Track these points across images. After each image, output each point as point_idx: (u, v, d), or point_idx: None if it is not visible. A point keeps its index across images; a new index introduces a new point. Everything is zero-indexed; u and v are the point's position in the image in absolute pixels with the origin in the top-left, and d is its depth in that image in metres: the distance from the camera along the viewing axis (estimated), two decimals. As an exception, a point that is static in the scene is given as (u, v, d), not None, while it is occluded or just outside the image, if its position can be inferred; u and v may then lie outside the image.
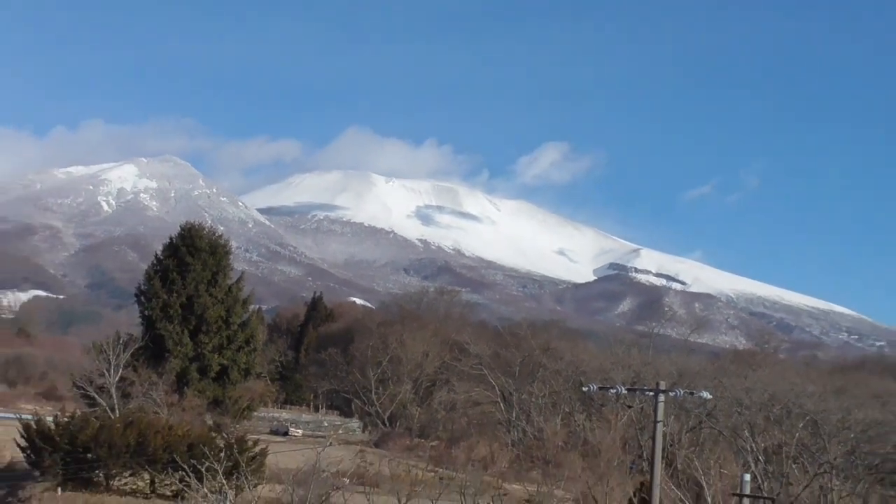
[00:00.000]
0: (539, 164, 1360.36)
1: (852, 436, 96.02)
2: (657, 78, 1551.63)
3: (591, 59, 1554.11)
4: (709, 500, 37.80)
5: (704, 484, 41.80)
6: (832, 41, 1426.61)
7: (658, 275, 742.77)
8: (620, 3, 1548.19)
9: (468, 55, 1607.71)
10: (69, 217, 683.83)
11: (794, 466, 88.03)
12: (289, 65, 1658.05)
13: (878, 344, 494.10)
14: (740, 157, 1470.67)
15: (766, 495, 33.41)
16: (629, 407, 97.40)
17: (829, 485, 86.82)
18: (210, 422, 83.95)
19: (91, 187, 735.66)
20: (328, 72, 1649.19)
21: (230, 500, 45.30)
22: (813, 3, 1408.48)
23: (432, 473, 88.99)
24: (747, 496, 30.72)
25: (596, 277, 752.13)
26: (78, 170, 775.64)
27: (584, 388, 76.31)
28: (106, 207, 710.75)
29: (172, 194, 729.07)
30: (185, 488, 57.27)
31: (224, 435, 69.18)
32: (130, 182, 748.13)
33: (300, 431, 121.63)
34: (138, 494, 71.20)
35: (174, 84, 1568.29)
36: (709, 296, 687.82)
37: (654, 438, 34.78)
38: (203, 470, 46.70)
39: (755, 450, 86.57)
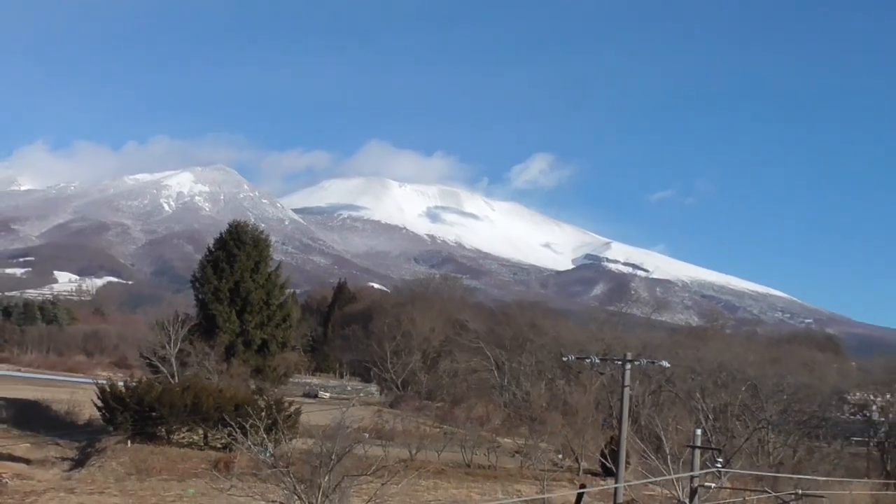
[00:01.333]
0: (529, 172, 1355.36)
1: (785, 397, 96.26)
2: (628, 100, 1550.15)
3: (574, 84, 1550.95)
4: (667, 451, 37.86)
5: (663, 437, 41.86)
6: (774, 70, 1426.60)
7: (626, 264, 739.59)
8: (595, 40, 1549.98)
9: (473, 80, 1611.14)
10: (137, 216, 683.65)
11: (737, 423, 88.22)
12: (321, 88, 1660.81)
13: (806, 321, 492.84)
14: (697, 167, 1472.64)
15: (714, 447, 33.48)
16: (601, 374, 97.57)
17: (766, 437, 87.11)
18: (253, 386, 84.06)
19: (155, 191, 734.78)
20: (354, 93, 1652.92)
21: (270, 452, 45.47)
22: (762, 31, 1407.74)
23: (438, 429, 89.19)
24: (698, 447, 30.90)
25: (574, 266, 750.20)
26: (144, 177, 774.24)
27: (564, 358, 76.62)
28: (167, 208, 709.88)
29: (222, 197, 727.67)
30: (233, 441, 57.54)
31: (265, 397, 69.36)
32: (187, 187, 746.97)
33: (328, 394, 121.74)
34: (194, 446, 71.44)
35: (226, 104, 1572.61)
36: (668, 281, 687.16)
37: (622, 400, 35.02)
38: (247, 426, 46.87)
39: (705, 409, 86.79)
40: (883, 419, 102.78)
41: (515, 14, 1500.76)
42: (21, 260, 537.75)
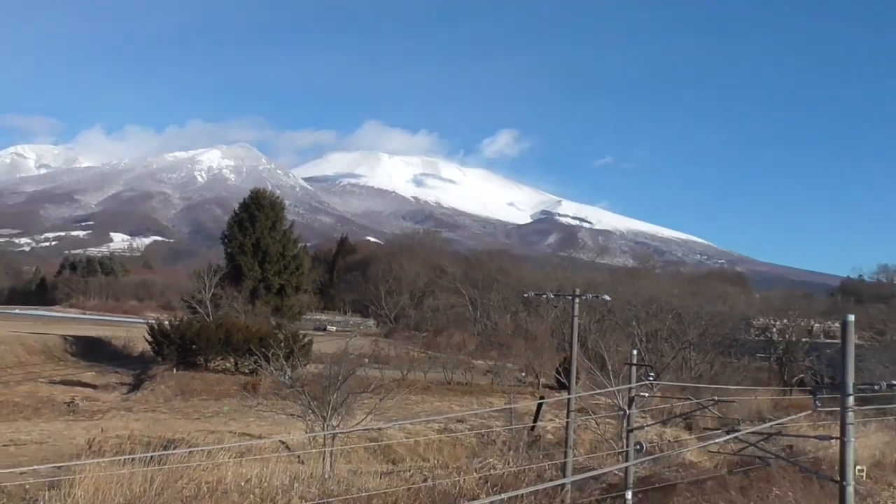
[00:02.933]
0: (497, 144, 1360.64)
1: (703, 323, 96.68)
2: (577, 84, 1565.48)
3: (534, 72, 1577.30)
4: (609, 368, 38.02)
5: (606, 357, 42.02)
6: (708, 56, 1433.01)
7: (574, 218, 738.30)
8: (550, 35, 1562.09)
9: (452, 69, 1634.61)
10: (176, 186, 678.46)
11: (665, 344, 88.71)
12: (327, 77, 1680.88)
13: (720, 262, 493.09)
14: (633, 138, 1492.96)
15: (647, 364, 33.86)
16: (555, 307, 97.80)
17: (688, 356, 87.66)
18: (273, 322, 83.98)
19: (190, 166, 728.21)
20: (354, 82, 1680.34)
21: (288, 375, 45.47)
22: (689, 21, 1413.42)
23: (424, 354, 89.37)
24: (634, 364, 30.93)
25: (532, 220, 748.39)
26: (181, 154, 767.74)
27: (525, 295, 76.73)
28: (200, 179, 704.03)
29: (244, 170, 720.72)
30: (258, 367, 57.50)
31: (283, 331, 69.28)
32: (216, 162, 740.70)
33: (334, 328, 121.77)
34: (227, 372, 71.43)
35: (248, 92, 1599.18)
36: (608, 231, 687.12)
37: (572, 328, 34.97)
38: (270, 355, 46.78)
39: (640, 334, 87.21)
40: (781, 339, 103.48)
41: (486, 14, 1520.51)
42: (83, 224, 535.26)
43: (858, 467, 37.85)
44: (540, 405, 53.74)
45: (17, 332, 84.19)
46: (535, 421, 51.75)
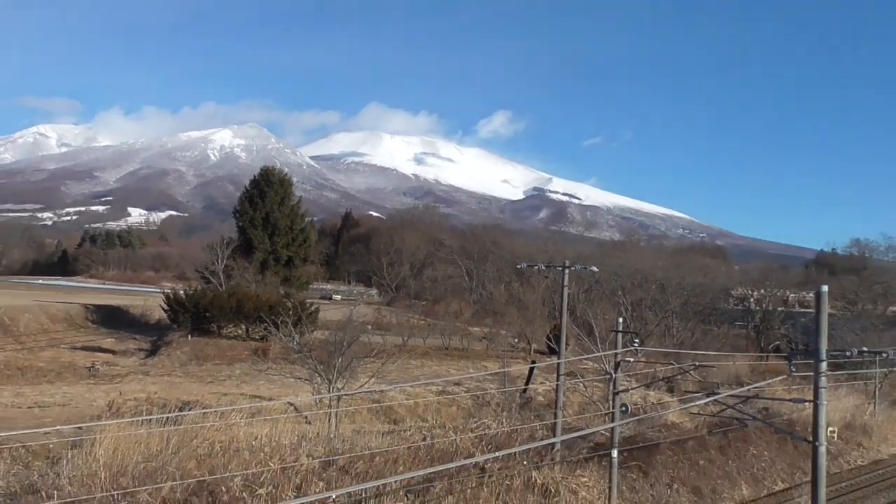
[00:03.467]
0: (492, 125, 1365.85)
1: (685, 293, 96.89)
2: (568, 68, 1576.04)
3: (528, 57, 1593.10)
4: (597, 335, 38.11)
5: (594, 325, 42.06)
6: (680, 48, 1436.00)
7: (564, 194, 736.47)
8: (546, 21, 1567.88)
9: (450, 56, 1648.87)
10: (190, 164, 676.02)
11: (649, 313, 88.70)
12: (333, 62, 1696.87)
13: (701, 235, 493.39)
14: (619, 120, 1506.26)
15: (632, 331, 33.89)
16: (546, 278, 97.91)
17: (671, 323, 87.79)
18: (282, 291, 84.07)
19: (203, 145, 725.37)
20: (358, 67, 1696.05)
21: (296, 341, 45.51)
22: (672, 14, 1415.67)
23: (423, 321, 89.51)
24: (620, 331, 30.95)
25: (525, 196, 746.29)
26: (195, 134, 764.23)
27: (518, 266, 76.50)
28: (213, 158, 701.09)
29: (254, 149, 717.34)
30: (268, 333, 57.58)
31: (291, 300, 69.33)
32: (228, 141, 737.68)
33: (339, 297, 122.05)
34: (238, 338, 71.56)
35: (258, 76, 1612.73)
36: (596, 207, 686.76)
37: (562, 297, 34.99)
38: (279, 322, 46.81)
39: (625, 303, 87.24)
40: (758, 308, 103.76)
41: (484, 1, 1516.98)
42: (102, 199, 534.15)
43: (830, 429, 37.95)
44: (531, 369, 53.87)
45: (41, 301, 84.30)
46: (527, 384, 51.90)
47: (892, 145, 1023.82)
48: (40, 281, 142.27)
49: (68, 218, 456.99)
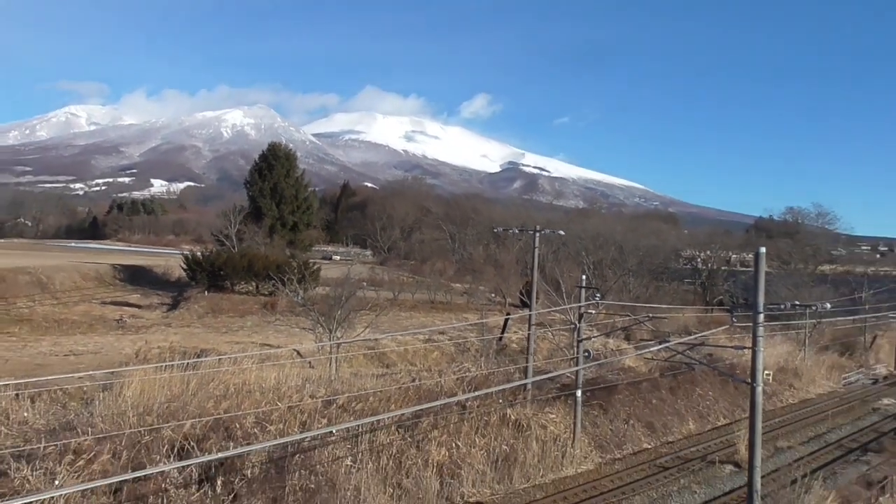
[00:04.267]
0: (473, 106, 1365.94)
1: (640, 254, 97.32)
2: (539, 55, 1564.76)
3: (504, 45, 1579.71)
4: (563, 290, 38.21)
5: (561, 281, 42.16)
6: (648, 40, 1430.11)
7: (535, 167, 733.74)
8: (520, 11, 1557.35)
9: (437, 44, 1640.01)
10: (205, 140, 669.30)
11: (609, 271, 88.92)
12: (333, 48, 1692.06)
13: (655, 203, 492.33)
14: (585, 101, 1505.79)
15: (593, 287, 33.90)
16: (519, 240, 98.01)
17: (628, 280, 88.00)
18: (288, 253, 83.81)
19: (217, 123, 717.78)
20: (355, 53, 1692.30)
21: (301, 296, 45.50)
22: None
23: (412, 279, 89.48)
24: (584, 287, 31.03)
25: (501, 169, 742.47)
26: (210, 114, 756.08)
27: (495, 230, 76.67)
28: (226, 135, 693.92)
29: (263, 127, 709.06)
30: (276, 289, 57.49)
31: (296, 260, 69.18)
32: (239, 120, 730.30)
33: (338, 257, 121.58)
34: (249, 294, 71.32)
35: (267, 62, 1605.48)
36: (564, 179, 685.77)
37: (533, 257, 35.02)
38: (285, 279, 46.74)
39: (588, 262, 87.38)
40: (704, 267, 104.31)
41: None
42: (128, 172, 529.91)
43: (766, 372, 38.41)
44: (506, 320, 54.08)
45: (74, 261, 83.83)
46: (502, 333, 52.12)
47: (823, 126, 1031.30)
48: (73, 244, 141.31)
49: (97, 188, 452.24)
